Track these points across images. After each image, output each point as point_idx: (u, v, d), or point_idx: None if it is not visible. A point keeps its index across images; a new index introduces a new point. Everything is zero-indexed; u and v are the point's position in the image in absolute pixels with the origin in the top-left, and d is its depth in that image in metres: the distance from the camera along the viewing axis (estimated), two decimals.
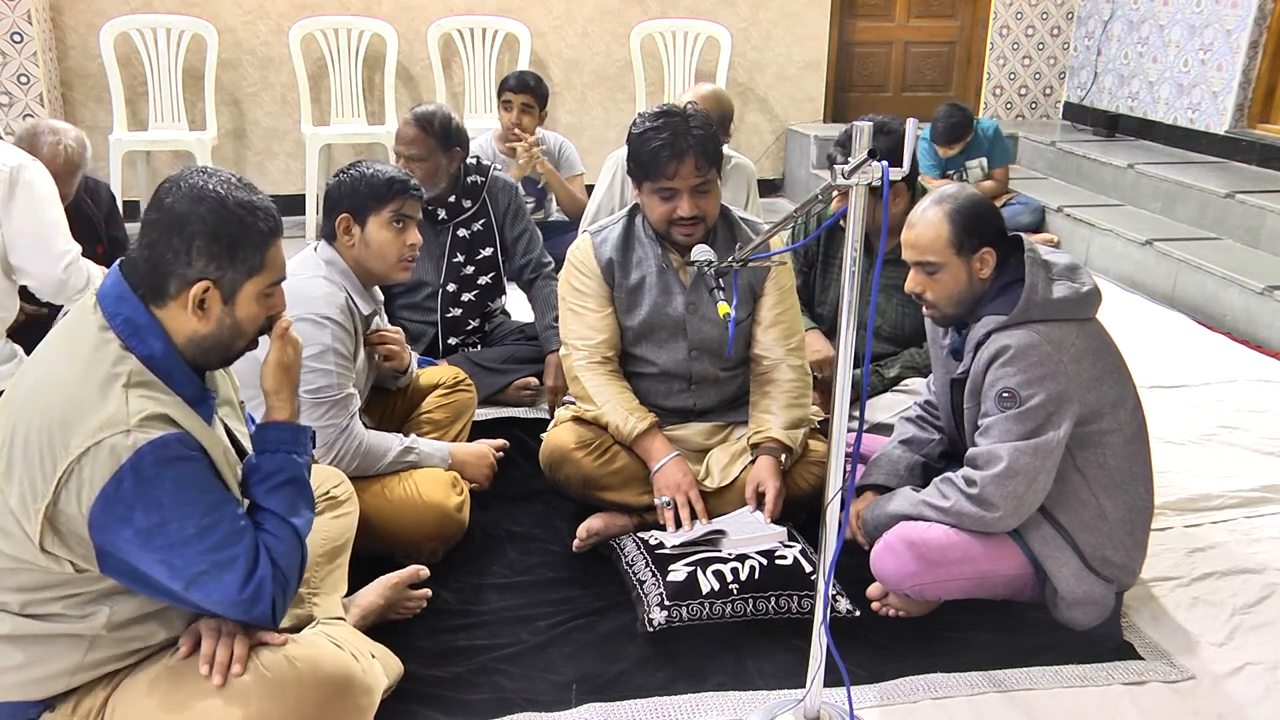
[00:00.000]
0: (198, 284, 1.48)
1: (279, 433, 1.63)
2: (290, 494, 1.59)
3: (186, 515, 1.42)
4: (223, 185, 1.50)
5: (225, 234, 1.48)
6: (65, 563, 1.42)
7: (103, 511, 1.38)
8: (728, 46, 5.80)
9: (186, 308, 1.48)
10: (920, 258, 2.07)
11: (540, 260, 3.27)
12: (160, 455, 1.39)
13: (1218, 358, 3.71)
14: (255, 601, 1.49)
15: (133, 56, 5.23)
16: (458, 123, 3.04)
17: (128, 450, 1.37)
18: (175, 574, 1.44)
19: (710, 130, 2.32)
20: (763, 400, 2.44)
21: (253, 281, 1.53)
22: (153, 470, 1.38)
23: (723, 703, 1.92)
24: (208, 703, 1.48)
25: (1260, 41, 5.19)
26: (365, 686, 1.61)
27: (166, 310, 1.49)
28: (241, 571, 1.47)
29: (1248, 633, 2.14)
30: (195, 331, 1.50)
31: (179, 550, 1.42)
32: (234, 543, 1.46)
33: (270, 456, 1.60)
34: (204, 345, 1.52)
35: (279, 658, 1.53)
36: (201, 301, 1.49)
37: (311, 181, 5.27)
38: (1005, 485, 1.97)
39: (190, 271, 1.47)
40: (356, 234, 2.32)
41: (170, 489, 1.40)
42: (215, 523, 1.45)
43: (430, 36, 5.55)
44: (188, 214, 1.47)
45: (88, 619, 1.47)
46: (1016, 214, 5.19)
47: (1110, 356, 2.06)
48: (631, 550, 2.27)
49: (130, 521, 1.39)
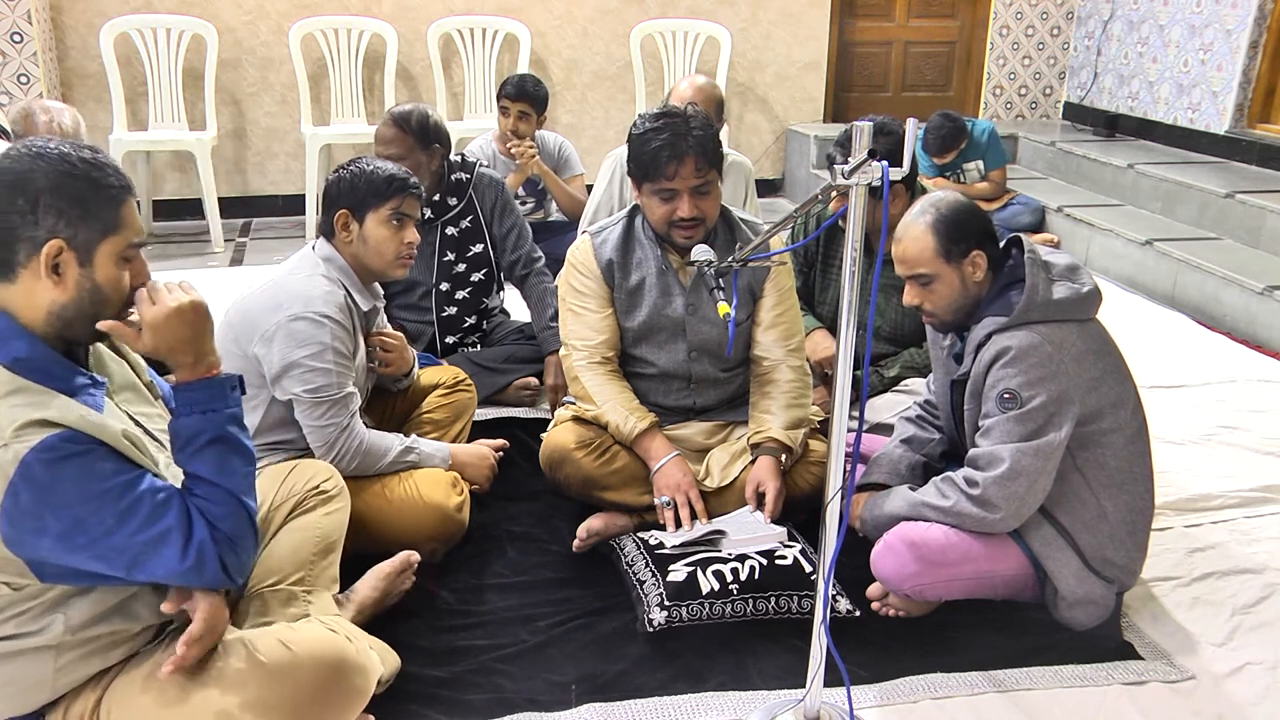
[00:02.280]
0: (49, 244, 1.38)
1: (191, 393, 1.51)
2: (216, 454, 1.50)
3: (100, 507, 1.37)
4: (65, 146, 1.42)
5: (72, 189, 1.40)
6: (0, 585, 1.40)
7: (11, 527, 1.34)
8: (728, 46, 5.80)
9: (41, 274, 1.39)
10: (912, 271, 2.08)
11: (531, 256, 3.26)
12: (48, 459, 1.33)
13: (1218, 358, 3.71)
14: (201, 567, 1.45)
15: (133, 56, 5.23)
16: (436, 120, 3.02)
17: (11, 464, 1.32)
18: (112, 564, 1.41)
19: (710, 131, 2.32)
20: (763, 400, 2.44)
21: (109, 241, 1.43)
22: (46, 475, 1.33)
23: (723, 703, 1.92)
24: (205, 693, 1.48)
25: (1260, 41, 5.19)
26: (360, 666, 1.60)
27: (19, 285, 1.40)
28: (178, 543, 1.43)
29: (1248, 633, 2.14)
30: (54, 302, 1.41)
31: (105, 541, 1.38)
32: (159, 518, 1.42)
33: (185, 420, 1.51)
34: (66, 317, 1.43)
35: (272, 642, 1.53)
36: (55, 265, 1.40)
37: (311, 181, 5.27)
38: (1007, 487, 1.97)
39: (39, 233, 1.39)
40: (355, 230, 2.32)
41: (72, 487, 1.35)
42: (132, 505, 1.40)
43: (430, 36, 5.55)
44: (29, 170, 1.39)
45: (44, 631, 1.44)
46: (1016, 214, 5.19)
47: (1111, 357, 2.06)
48: (631, 550, 2.27)
49: (45, 530, 1.35)
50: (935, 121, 4.89)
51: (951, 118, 4.90)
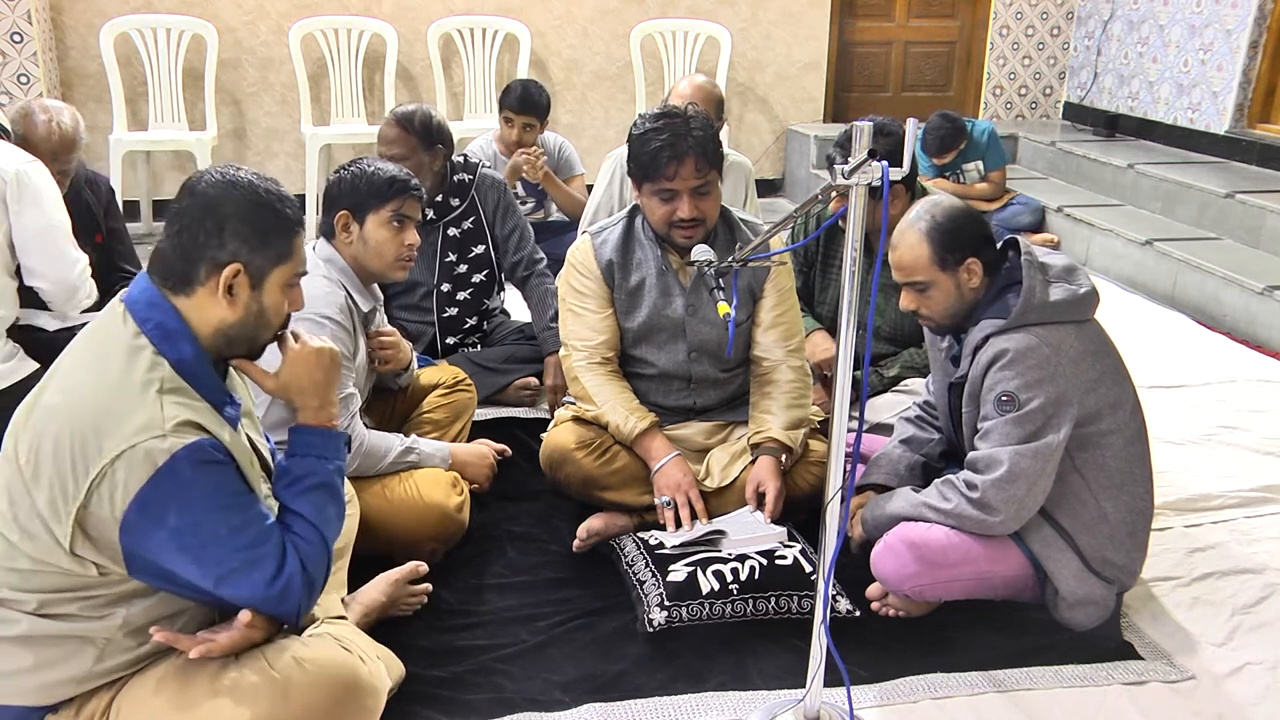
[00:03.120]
0: (229, 266, 1.49)
1: (310, 437, 1.63)
2: (319, 498, 1.60)
3: (219, 516, 1.44)
4: (252, 175, 1.54)
5: (258, 218, 1.50)
6: (90, 565, 1.43)
7: (138, 514, 1.40)
8: (728, 46, 5.80)
9: (216, 292, 1.49)
10: (908, 279, 2.08)
11: (533, 257, 3.26)
12: (195, 459, 1.41)
13: (1218, 358, 3.71)
14: (283, 598, 1.51)
15: (133, 56, 5.23)
16: (439, 121, 3.02)
17: (164, 454, 1.39)
18: (206, 572, 1.46)
19: (711, 131, 2.32)
20: (763, 400, 2.44)
21: (280, 270, 1.54)
22: (189, 473, 1.40)
23: (723, 703, 1.92)
24: (216, 702, 1.49)
25: (1260, 41, 5.19)
26: (372, 688, 1.62)
27: (194, 299, 1.50)
28: (270, 569, 1.49)
29: (1248, 633, 2.14)
30: (223, 320, 1.51)
31: (210, 549, 1.45)
32: (263, 541, 1.49)
33: (300, 460, 1.61)
34: (231, 335, 1.53)
35: (287, 659, 1.54)
36: (230, 286, 1.49)
37: (311, 181, 5.27)
38: (1006, 489, 1.97)
39: (222, 254, 1.49)
40: (355, 231, 2.32)
41: (203, 491, 1.43)
42: (245, 522, 1.47)
43: (430, 36, 5.55)
44: (221, 198, 1.49)
45: (104, 620, 1.48)
46: (1016, 214, 5.19)
47: (1109, 358, 2.06)
48: (631, 550, 2.27)
49: (164, 523, 1.41)
50: (934, 122, 4.89)
51: (950, 118, 4.90)
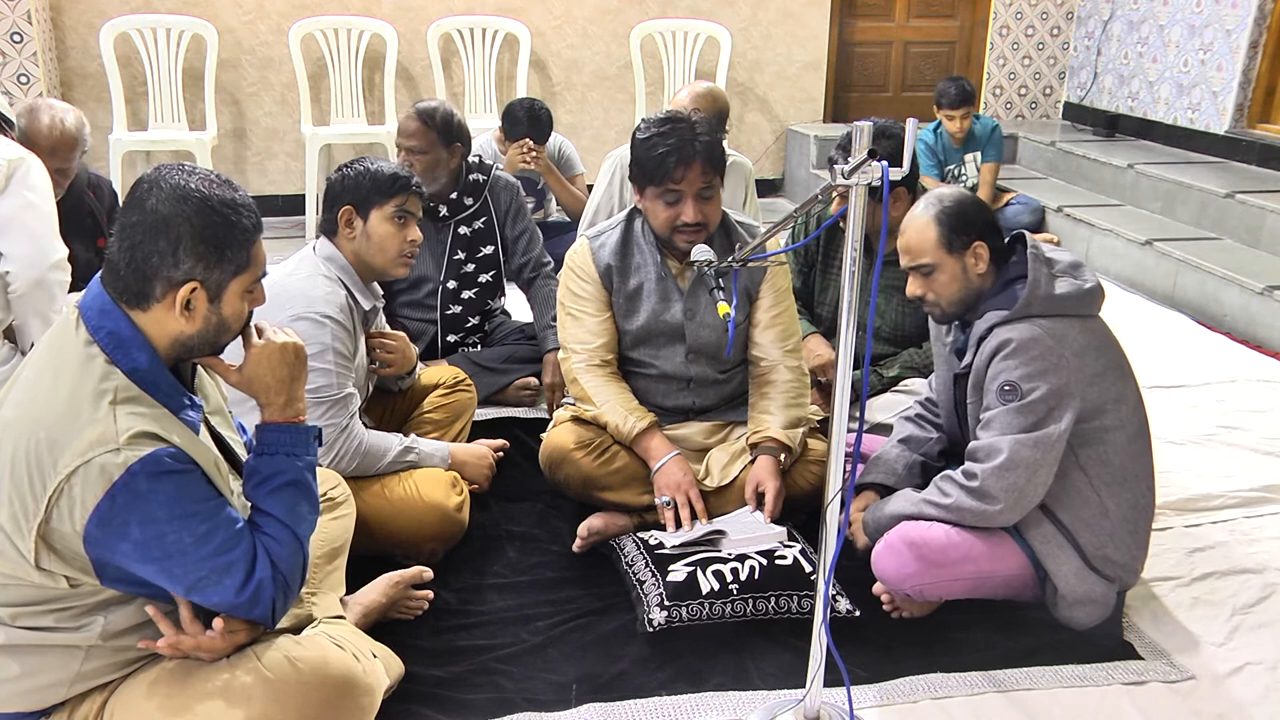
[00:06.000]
0: (185, 285, 1.44)
1: (278, 434, 1.59)
2: (290, 496, 1.56)
3: (183, 525, 1.41)
4: (205, 184, 1.46)
5: (212, 234, 1.44)
6: (60, 578, 1.42)
7: (98, 528, 1.37)
8: (728, 46, 5.80)
9: (173, 309, 1.45)
10: (915, 261, 2.09)
11: (540, 260, 3.27)
12: (151, 471, 1.38)
13: (1218, 358, 3.71)
14: (255, 603, 1.49)
15: (133, 56, 5.23)
16: (459, 119, 3.05)
17: (118, 468, 1.36)
18: (175, 581, 1.45)
19: (715, 138, 2.33)
20: (761, 400, 2.44)
21: (239, 280, 1.50)
22: (146, 486, 1.37)
23: (723, 703, 1.92)
24: (209, 704, 1.48)
25: (1260, 41, 5.19)
26: (367, 687, 1.61)
27: (150, 314, 1.46)
28: (240, 575, 1.47)
29: (1248, 633, 2.14)
30: (181, 333, 1.48)
31: (177, 559, 1.42)
32: (231, 548, 1.46)
33: (269, 459, 1.57)
34: (189, 344, 1.50)
35: (280, 658, 1.53)
36: (188, 303, 1.45)
37: (311, 181, 5.27)
38: (1005, 477, 1.97)
39: (177, 273, 1.44)
40: (359, 227, 2.33)
41: (164, 502, 1.39)
42: (211, 530, 1.44)
43: (430, 36, 5.55)
44: (172, 215, 1.43)
45: (82, 630, 1.47)
46: (1017, 214, 5.19)
47: (1112, 353, 2.06)
48: (631, 550, 2.27)
49: (127, 535, 1.39)
50: (948, 79, 4.96)
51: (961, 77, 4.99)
